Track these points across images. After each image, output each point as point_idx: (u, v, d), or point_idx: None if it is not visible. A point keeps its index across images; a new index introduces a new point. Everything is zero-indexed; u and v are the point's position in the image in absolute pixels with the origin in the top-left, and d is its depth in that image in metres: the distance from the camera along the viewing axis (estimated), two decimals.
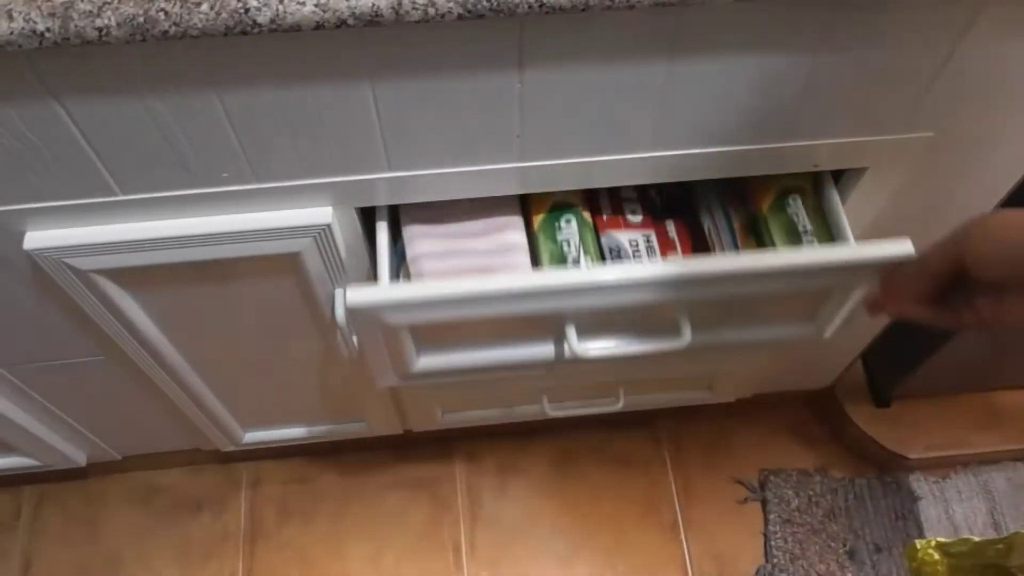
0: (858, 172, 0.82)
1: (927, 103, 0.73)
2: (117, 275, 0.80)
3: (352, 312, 0.73)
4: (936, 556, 0.85)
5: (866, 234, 0.90)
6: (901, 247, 0.70)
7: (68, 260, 0.76)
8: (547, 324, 0.83)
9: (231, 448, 1.30)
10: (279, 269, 0.82)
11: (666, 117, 0.71)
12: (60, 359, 0.97)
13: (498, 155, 0.73)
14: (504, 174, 0.75)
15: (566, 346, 0.81)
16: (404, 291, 0.74)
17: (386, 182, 0.74)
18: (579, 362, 0.83)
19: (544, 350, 0.85)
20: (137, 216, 0.74)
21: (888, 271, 0.68)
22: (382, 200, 0.77)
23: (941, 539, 0.86)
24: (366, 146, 0.70)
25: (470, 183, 0.75)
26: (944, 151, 0.80)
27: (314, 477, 1.43)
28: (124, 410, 1.14)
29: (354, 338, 0.96)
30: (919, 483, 1.42)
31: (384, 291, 0.74)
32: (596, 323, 0.82)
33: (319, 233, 0.77)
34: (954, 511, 1.40)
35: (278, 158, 0.70)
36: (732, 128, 0.73)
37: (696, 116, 0.71)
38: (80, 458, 1.28)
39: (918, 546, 0.87)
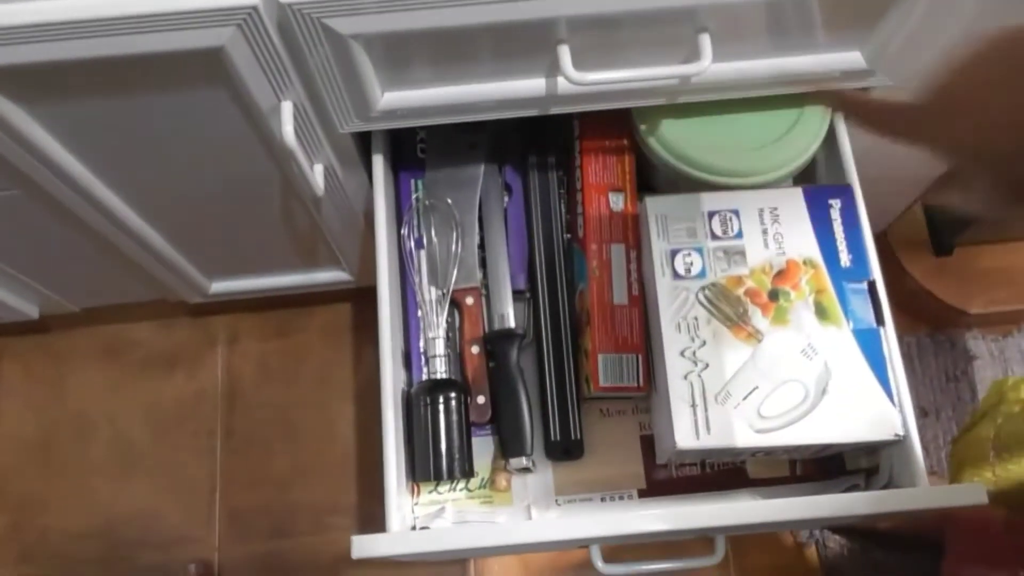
0: None
1: None
2: None
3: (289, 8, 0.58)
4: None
5: None
6: None
7: None
8: (535, 48, 0.66)
9: (199, 300, 1.15)
10: (203, 73, 0.63)
11: None
12: None
13: None
14: None
15: (560, 79, 0.66)
16: None
17: None
18: None
19: (534, 84, 0.70)
20: None
21: None
22: None
23: None
24: None
25: None
26: None
27: (297, 331, 1.29)
28: (65, 256, 0.99)
29: (317, 167, 0.79)
30: (976, 341, 1.26)
31: None
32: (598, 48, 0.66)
33: (244, 19, 0.57)
34: (1013, 372, 1.24)
35: None
36: None
37: None
38: (31, 311, 1.14)
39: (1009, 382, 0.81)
